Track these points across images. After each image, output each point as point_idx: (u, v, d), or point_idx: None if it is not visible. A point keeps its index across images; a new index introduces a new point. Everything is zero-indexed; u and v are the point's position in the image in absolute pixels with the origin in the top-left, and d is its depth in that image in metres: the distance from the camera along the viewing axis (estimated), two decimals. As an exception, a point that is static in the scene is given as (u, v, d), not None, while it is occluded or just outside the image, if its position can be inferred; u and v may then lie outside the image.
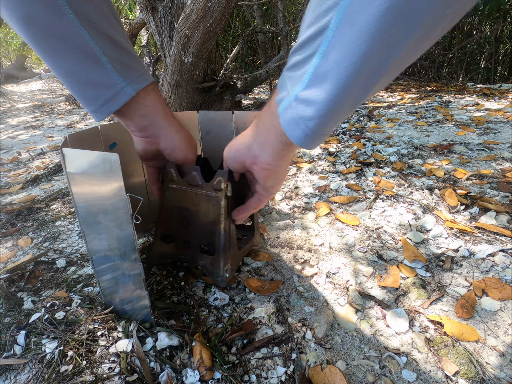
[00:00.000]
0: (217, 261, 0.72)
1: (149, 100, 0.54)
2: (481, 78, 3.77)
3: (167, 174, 0.74)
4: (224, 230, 0.70)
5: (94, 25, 0.45)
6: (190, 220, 0.75)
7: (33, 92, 5.34)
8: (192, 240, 0.76)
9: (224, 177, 0.67)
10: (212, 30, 1.70)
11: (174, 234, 0.78)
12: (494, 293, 0.71)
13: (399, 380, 0.56)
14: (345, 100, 0.33)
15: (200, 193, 0.71)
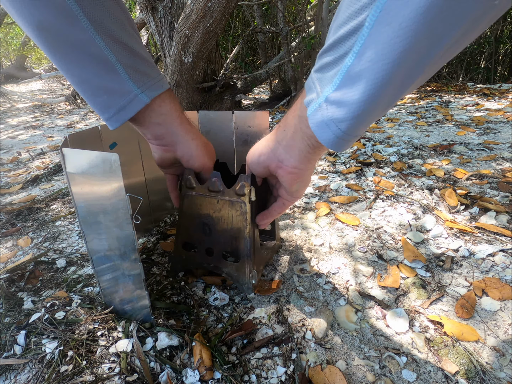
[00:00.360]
0: (242, 268, 0.71)
1: (165, 107, 0.54)
2: (481, 78, 3.77)
3: (185, 182, 0.72)
4: (249, 235, 0.69)
5: (109, 32, 0.44)
6: (212, 227, 0.73)
7: (33, 92, 5.34)
8: (215, 247, 0.74)
9: (247, 182, 0.65)
10: (212, 30, 1.70)
11: (195, 242, 0.77)
12: (494, 293, 0.71)
13: (399, 380, 0.56)
14: (380, 100, 0.32)
15: (222, 199, 0.69)
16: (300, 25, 2.86)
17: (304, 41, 2.42)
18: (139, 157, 0.92)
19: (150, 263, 0.86)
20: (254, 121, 0.88)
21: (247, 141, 1.00)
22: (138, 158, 0.92)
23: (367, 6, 0.28)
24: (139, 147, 0.91)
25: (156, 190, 1.01)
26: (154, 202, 1.00)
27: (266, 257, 0.82)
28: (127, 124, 0.86)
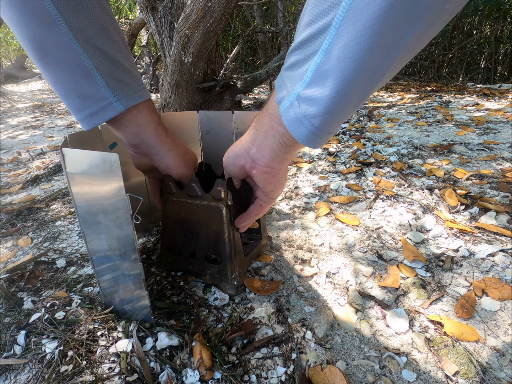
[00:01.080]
0: (224, 270, 0.73)
1: (141, 118, 0.54)
2: (481, 78, 3.77)
3: (166, 188, 0.74)
4: (228, 238, 0.70)
5: (88, 39, 0.44)
6: (194, 231, 0.75)
7: (33, 92, 5.35)
8: (198, 251, 0.76)
9: (223, 186, 0.66)
10: (212, 30, 1.70)
11: (179, 246, 0.79)
12: (494, 293, 0.71)
13: (399, 380, 0.56)
14: (349, 96, 0.33)
15: (201, 204, 0.71)
16: (300, 25, 2.86)
17: (304, 41, 2.41)
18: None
19: (150, 263, 0.86)
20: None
21: (247, 141, 1.00)
22: (138, 158, 0.92)
23: (334, 7, 0.29)
24: (139, 147, 0.91)
25: (156, 190, 1.00)
26: (154, 202, 1.00)
27: (250, 258, 0.83)
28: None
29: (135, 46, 5.03)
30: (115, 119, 0.52)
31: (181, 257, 0.79)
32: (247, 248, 0.83)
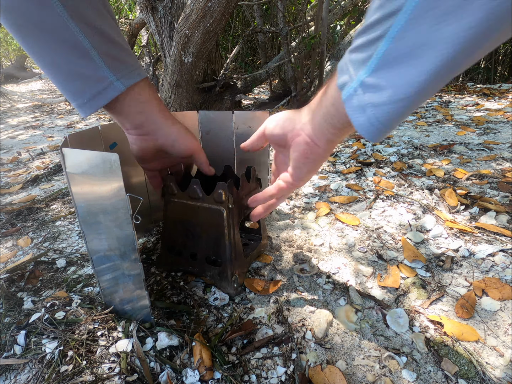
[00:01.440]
0: (224, 272, 0.73)
1: (144, 96, 0.53)
2: (481, 78, 3.77)
3: (167, 188, 0.74)
4: (228, 241, 0.70)
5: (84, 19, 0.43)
6: (195, 233, 0.75)
7: (33, 92, 5.34)
8: (198, 252, 0.76)
9: (225, 189, 0.66)
10: (212, 30, 1.70)
11: (180, 247, 0.79)
12: (494, 293, 0.71)
13: (399, 380, 0.56)
14: (422, 87, 0.31)
15: (201, 206, 0.71)
16: (300, 25, 2.86)
17: (304, 41, 2.42)
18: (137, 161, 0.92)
19: (150, 263, 0.86)
20: (254, 121, 0.88)
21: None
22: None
23: None
24: (139, 147, 0.91)
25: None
26: (154, 202, 1.00)
27: (250, 259, 0.83)
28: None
29: (135, 46, 5.03)
30: (117, 100, 0.51)
31: (181, 258, 0.78)
32: (247, 249, 0.83)
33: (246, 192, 0.76)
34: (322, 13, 2.31)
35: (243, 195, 0.74)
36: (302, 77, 2.64)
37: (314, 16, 2.80)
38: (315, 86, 2.70)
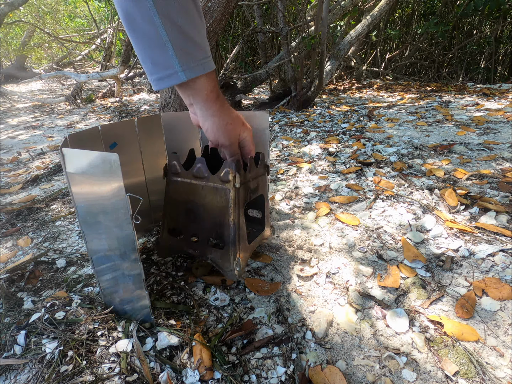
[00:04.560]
0: (226, 254, 0.71)
1: (198, 84, 0.61)
2: (481, 78, 3.77)
3: (170, 167, 0.72)
4: (233, 222, 0.68)
5: (169, 15, 0.52)
6: (198, 213, 0.73)
7: (33, 92, 5.34)
8: (200, 234, 0.74)
9: (232, 168, 0.65)
10: (212, 30, 1.70)
11: (181, 228, 0.76)
12: (494, 293, 0.71)
13: (399, 380, 0.56)
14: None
15: (206, 185, 0.69)
16: (300, 25, 2.86)
17: (304, 41, 2.42)
18: (139, 157, 0.92)
19: (150, 263, 0.86)
20: (254, 121, 0.88)
21: (247, 141, 1.00)
22: (138, 158, 0.92)
23: None
24: (139, 147, 0.91)
25: (156, 190, 1.00)
26: (154, 202, 1.00)
27: (253, 246, 0.81)
28: (127, 124, 0.87)
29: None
30: (179, 85, 0.61)
31: (182, 240, 0.76)
32: (250, 236, 0.81)
33: (253, 175, 0.74)
34: (322, 13, 2.31)
35: (250, 177, 0.73)
36: (302, 77, 2.63)
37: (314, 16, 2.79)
38: (315, 86, 2.70)
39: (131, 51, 3.55)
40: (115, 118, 2.85)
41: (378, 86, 3.78)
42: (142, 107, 3.31)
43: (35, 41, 8.11)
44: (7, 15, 4.41)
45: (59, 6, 7.98)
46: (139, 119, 0.89)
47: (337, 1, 3.22)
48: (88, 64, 7.32)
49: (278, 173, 1.41)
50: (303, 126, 2.21)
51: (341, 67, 4.20)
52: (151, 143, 0.94)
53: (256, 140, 0.99)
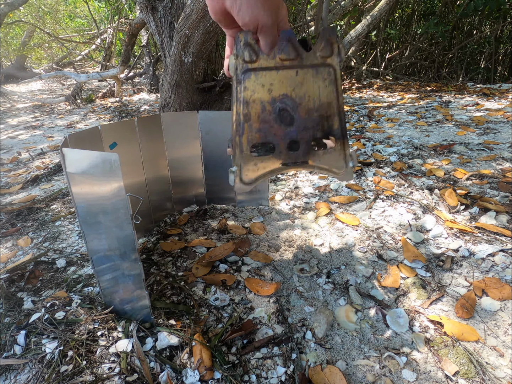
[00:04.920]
0: (339, 151, 0.58)
1: None
2: (481, 78, 3.77)
3: (241, 54, 0.51)
4: (341, 108, 0.56)
5: None
6: (294, 111, 0.55)
7: (33, 92, 5.35)
8: (301, 138, 0.57)
9: (333, 36, 0.50)
10: (212, 30, 1.70)
11: (272, 139, 0.57)
12: (494, 293, 0.71)
13: (399, 380, 0.56)
14: None
15: (302, 68, 0.53)
16: (300, 25, 2.86)
17: (304, 41, 2.41)
18: (139, 157, 0.92)
19: (150, 263, 0.86)
20: (254, 121, 0.88)
21: (247, 141, 1.00)
22: (138, 158, 0.92)
23: None
24: (139, 147, 0.91)
25: (156, 191, 1.01)
26: (154, 202, 1.00)
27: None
28: (127, 124, 0.87)
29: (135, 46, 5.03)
30: None
31: (273, 156, 0.57)
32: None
33: None
34: (322, 13, 2.31)
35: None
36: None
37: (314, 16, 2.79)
38: (315, 86, 2.70)
39: (131, 51, 3.55)
40: (115, 118, 2.85)
41: (378, 86, 3.78)
42: (142, 107, 3.31)
43: (35, 41, 8.11)
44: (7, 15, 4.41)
45: (59, 6, 7.98)
46: (139, 119, 0.89)
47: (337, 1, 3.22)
48: (88, 64, 7.32)
49: (278, 173, 1.41)
50: (303, 126, 2.21)
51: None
52: (151, 143, 0.94)
53: (256, 140, 0.99)
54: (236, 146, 0.56)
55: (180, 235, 0.99)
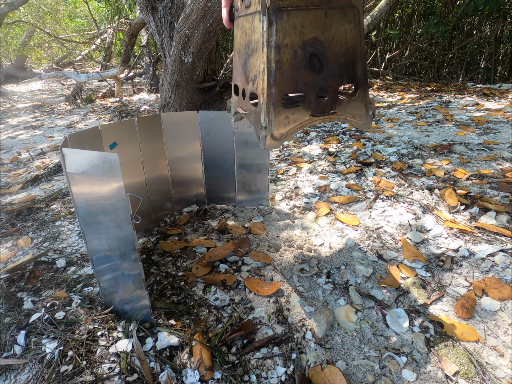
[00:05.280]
0: (362, 97, 0.56)
1: None
2: (481, 78, 3.77)
3: None
4: (364, 53, 0.53)
5: None
6: (323, 56, 0.52)
7: (33, 92, 5.35)
8: (330, 85, 0.54)
9: None
10: (212, 30, 1.70)
11: (302, 88, 0.53)
12: (494, 293, 0.71)
13: (399, 380, 0.56)
14: None
15: (331, 9, 0.49)
16: None
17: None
18: (139, 157, 0.92)
19: (150, 263, 0.86)
20: (254, 121, 0.88)
21: (247, 141, 1.00)
22: (138, 158, 0.92)
23: None
24: (139, 147, 0.91)
25: (156, 191, 1.01)
26: (154, 202, 1.00)
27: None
28: (127, 124, 0.87)
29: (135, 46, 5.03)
30: None
31: (303, 107, 0.54)
32: None
33: None
34: None
35: None
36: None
37: None
38: (315, 86, 2.70)
39: (131, 51, 3.55)
40: (115, 118, 2.85)
41: (378, 86, 3.78)
42: (142, 107, 3.31)
43: (35, 41, 8.11)
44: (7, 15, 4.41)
45: (59, 6, 7.98)
46: (139, 119, 0.89)
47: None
48: (88, 64, 7.32)
49: (278, 174, 1.41)
50: (303, 126, 2.21)
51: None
52: (151, 143, 0.94)
53: (256, 141, 0.99)
54: (266, 98, 0.51)
55: (180, 235, 0.99)
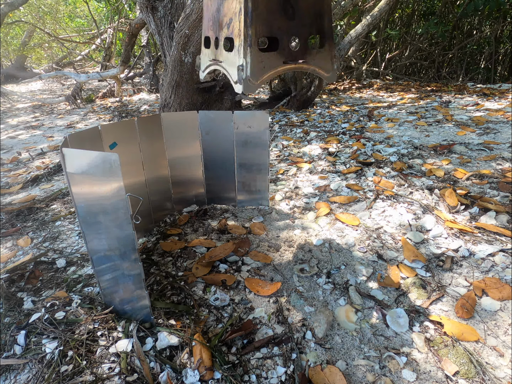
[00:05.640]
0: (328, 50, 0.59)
1: None
2: (481, 78, 3.77)
3: None
4: (330, 7, 0.57)
5: None
6: (296, 3, 0.56)
7: (33, 92, 5.35)
8: (300, 34, 0.58)
9: None
10: (212, 30, 1.70)
11: (277, 32, 0.57)
12: (494, 293, 0.71)
13: (399, 380, 0.56)
14: None
15: None
16: None
17: (304, 41, 2.41)
18: (139, 157, 0.92)
19: (150, 263, 0.86)
20: (254, 121, 0.88)
21: (247, 141, 1.00)
22: (138, 158, 0.92)
23: None
24: (139, 147, 0.91)
25: (156, 191, 1.01)
26: (154, 202, 1.00)
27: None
28: (127, 124, 0.87)
29: (135, 46, 5.03)
30: None
31: (276, 53, 0.58)
32: None
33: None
34: None
35: None
36: (302, 77, 2.63)
37: None
38: (315, 86, 2.70)
39: (131, 51, 3.55)
40: (115, 118, 2.85)
41: (378, 86, 3.78)
42: (142, 107, 3.31)
43: (35, 41, 8.11)
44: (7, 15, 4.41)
45: (59, 6, 7.98)
46: (139, 119, 0.89)
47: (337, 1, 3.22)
48: (88, 64, 7.32)
49: (278, 173, 1.41)
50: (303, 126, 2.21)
51: (341, 67, 4.20)
52: (151, 143, 0.94)
53: (256, 141, 0.99)
54: (243, 39, 0.55)
55: (180, 235, 0.99)
